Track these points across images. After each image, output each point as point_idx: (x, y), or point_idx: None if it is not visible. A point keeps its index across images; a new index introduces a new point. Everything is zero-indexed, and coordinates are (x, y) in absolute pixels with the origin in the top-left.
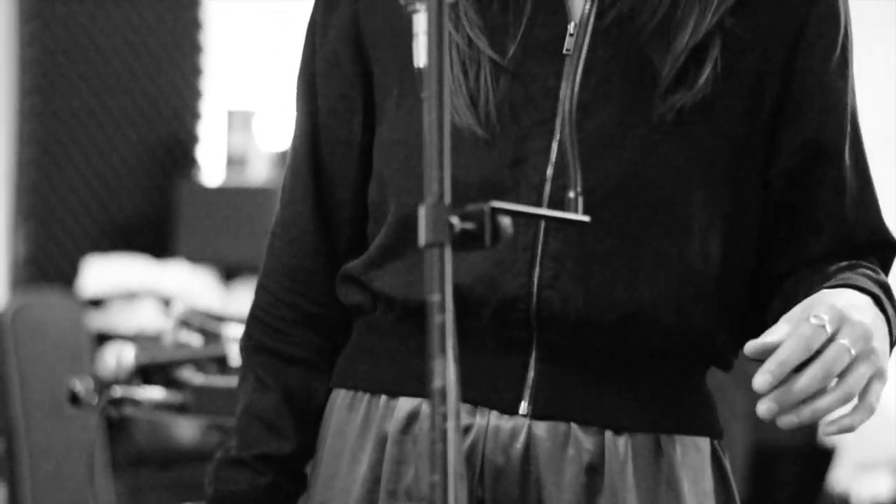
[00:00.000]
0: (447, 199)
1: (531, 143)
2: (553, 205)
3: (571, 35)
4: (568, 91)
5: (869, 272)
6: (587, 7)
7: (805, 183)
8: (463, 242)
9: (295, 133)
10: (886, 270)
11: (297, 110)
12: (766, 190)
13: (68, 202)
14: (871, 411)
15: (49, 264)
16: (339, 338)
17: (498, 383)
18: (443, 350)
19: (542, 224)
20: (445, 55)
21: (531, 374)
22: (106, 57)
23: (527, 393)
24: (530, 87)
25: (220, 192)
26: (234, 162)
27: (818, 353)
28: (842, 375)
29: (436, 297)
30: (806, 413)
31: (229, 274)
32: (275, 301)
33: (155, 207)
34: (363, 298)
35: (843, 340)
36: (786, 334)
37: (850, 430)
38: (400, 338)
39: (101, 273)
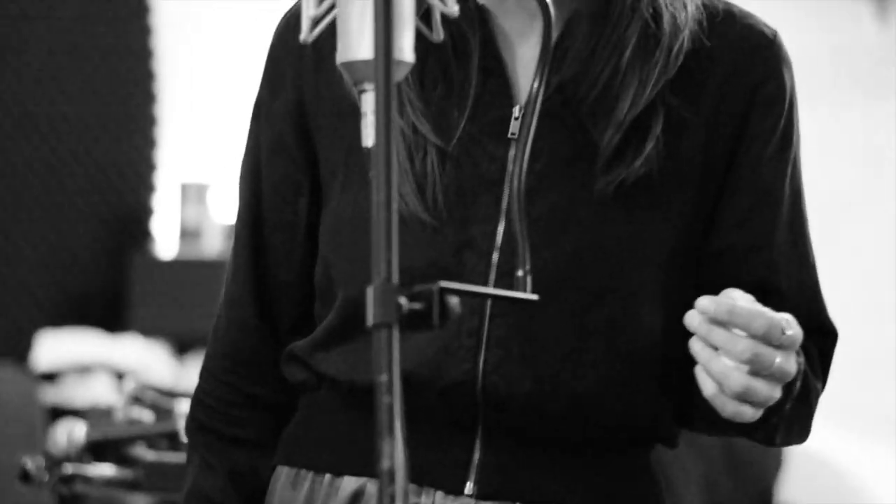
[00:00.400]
0: (395, 279)
1: (478, 227)
2: (500, 289)
3: (517, 119)
4: (515, 177)
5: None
6: (533, 89)
7: (738, 268)
8: (411, 323)
9: (238, 215)
10: (824, 358)
11: (240, 192)
12: (702, 269)
13: (21, 275)
14: (756, 410)
15: (1, 338)
16: (284, 416)
17: (443, 464)
18: (390, 431)
19: (488, 309)
20: (395, 134)
21: (476, 455)
22: (58, 129)
23: (472, 474)
24: (476, 172)
25: (174, 264)
26: (188, 234)
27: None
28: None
29: (384, 378)
30: (738, 378)
31: (183, 347)
32: (218, 383)
33: (108, 280)
34: (308, 377)
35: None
36: (753, 304)
37: (740, 414)
38: (345, 417)
39: (55, 347)
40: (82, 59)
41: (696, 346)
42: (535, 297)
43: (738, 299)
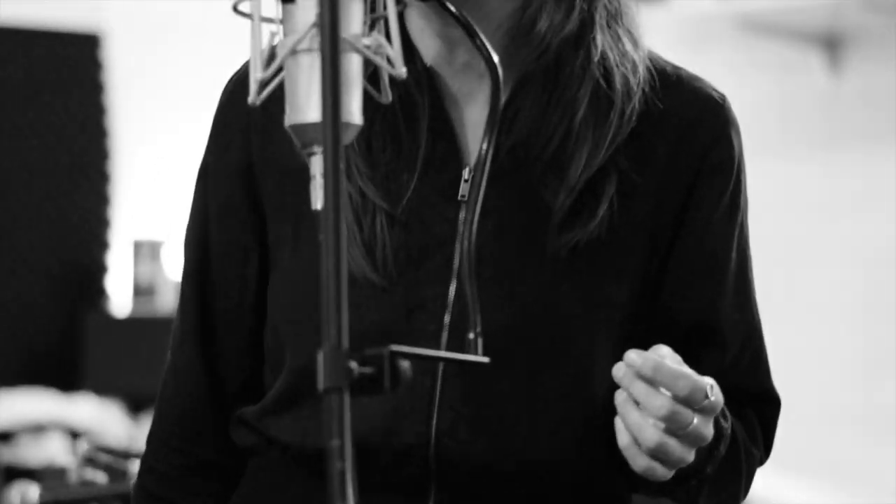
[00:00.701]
0: (345, 343)
1: (429, 289)
2: (451, 351)
3: (466, 181)
4: (466, 239)
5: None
6: (482, 151)
7: (683, 332)
8: (362, 387)
9: (184, 279)
10: (767, 426)
11: (186, 257)
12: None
13: None
14: (668, 470)
15: None
16: (233, 481)
17: None
18: (342, 496)
19: (440, 372)
20: (343, 197)
21: None
22: (11, 186)
23: None
24: (426, 234)
25: (128, 322)
26: (142, 292)
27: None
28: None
29: (335, 443)
30: (651, 434)
31: (138, 405)
32: (169, 450)
33: (62, 339)
34: (258, 441)
35: (712, 407)
36: (681, 365)
37: (651, 470)
38: (296, 482)
39: (8, 406)
40: (35, 117)
41: (619, 397)
42: (486, 359)
43: (665, 356)
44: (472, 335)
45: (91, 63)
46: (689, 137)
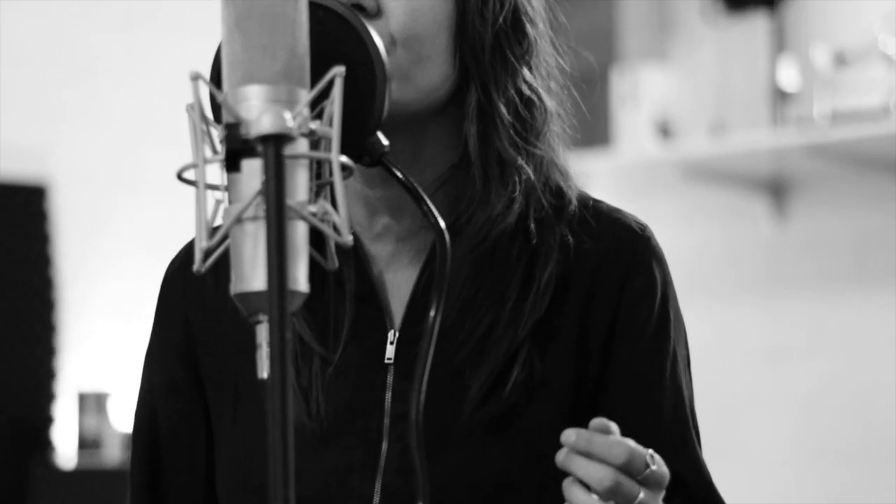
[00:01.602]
0: None
1: (359, 451)
2: None
3: (391, 343)
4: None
5: None
6: (430, 321)
7: None
8: None
9: (133, 461)
10: None
11: (135, 438)
12: None
13: None
14: None
15: None
16: None
17: None
18: None
19: None
20: (289, 366)
21: None
22: None
23: None
24: (356, 395)
25: (73, 475)
26: (88, 444)
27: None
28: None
29: None
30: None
31: None
32: None
33: (7, 491)
34: None
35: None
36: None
37: None
38: None
39: None
40: None
41: (565, 483)
42: None
43: (598, 428)
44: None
45: (36, 214)
46: (607, 270)
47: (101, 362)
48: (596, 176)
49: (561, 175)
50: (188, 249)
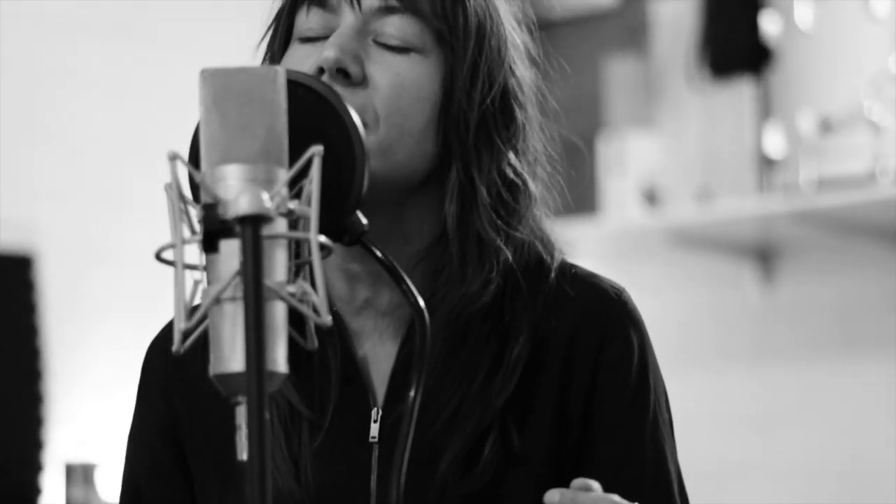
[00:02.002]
0: None
1: None
2: None
3: (376, 422)
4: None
5: None
6: (410, 400)
7: None
8: None
9: None
10: None
11: None
12: None
13: None
14: None
15: None
16: None
17: None
18: None
19: None
20: (268, 448)
21: None
22: None
23: None
24: (341, 472)
25: None
26: None
27: None
28: None
29: None
30: None
31: None
32: None
33: None
34: None
35: None
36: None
37: None
38: None
39: None
40: None
41: None
42: None
43: (581, 488)
44: None
45: (23, 284)
46: (582, 336)
47: (88, 433)
48: (582, 243)
49: (543, 247)
50: (169, 327)
